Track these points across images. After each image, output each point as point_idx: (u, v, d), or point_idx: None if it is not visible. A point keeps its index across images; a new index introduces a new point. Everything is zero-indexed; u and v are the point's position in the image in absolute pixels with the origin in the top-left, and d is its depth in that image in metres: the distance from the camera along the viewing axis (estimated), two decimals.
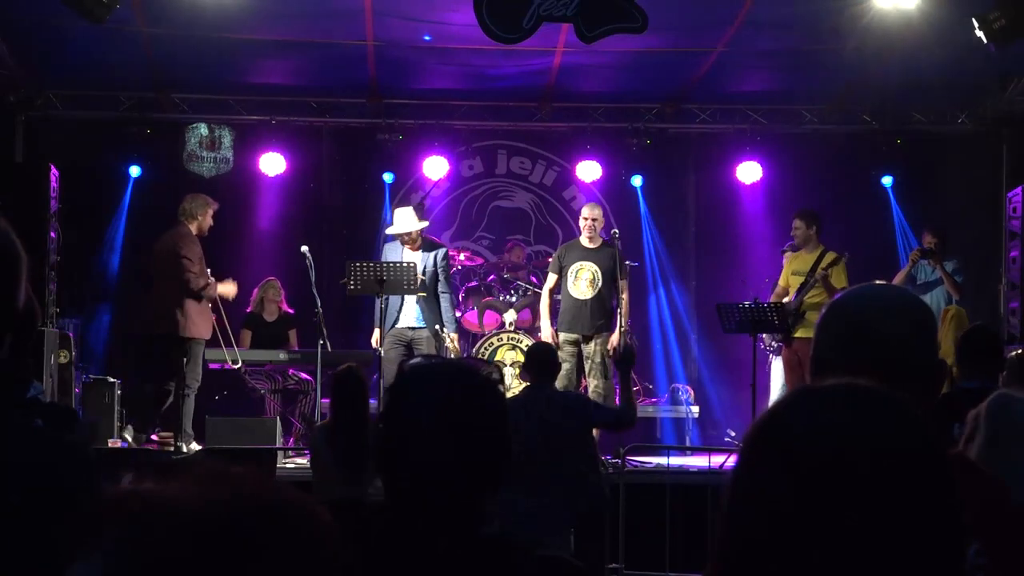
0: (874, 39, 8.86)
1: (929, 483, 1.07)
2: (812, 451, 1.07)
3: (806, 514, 1.05)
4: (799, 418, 1.11)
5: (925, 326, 1.86)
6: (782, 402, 1.15)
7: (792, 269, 9.41)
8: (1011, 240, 9.65)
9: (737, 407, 10.72)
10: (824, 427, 1.08)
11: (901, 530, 1.04)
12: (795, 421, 1.11)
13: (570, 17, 7.60)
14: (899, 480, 1.06)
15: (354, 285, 8.49)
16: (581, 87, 10.82)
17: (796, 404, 1.14)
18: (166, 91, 10.83)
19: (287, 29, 9.17)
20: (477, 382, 1.81)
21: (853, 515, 1.04)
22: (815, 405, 1.12)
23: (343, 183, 11.44)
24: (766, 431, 1.12)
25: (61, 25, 8.53)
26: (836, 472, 1.05)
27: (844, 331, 1.83)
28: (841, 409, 1.10)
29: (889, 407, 1.11)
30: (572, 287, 8.98)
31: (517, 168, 11.90)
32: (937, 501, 1.07)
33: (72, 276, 9.90)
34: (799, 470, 1.06)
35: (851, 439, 1.07)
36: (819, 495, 1.05)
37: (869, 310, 1.84)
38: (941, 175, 11.41)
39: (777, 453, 1.09)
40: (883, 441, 1.08)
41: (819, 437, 1.08)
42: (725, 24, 8.93)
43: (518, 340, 9.92)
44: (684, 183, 11.87)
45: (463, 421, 1.76)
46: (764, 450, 1.11)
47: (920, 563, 1.05)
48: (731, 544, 1.10)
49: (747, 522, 1.09)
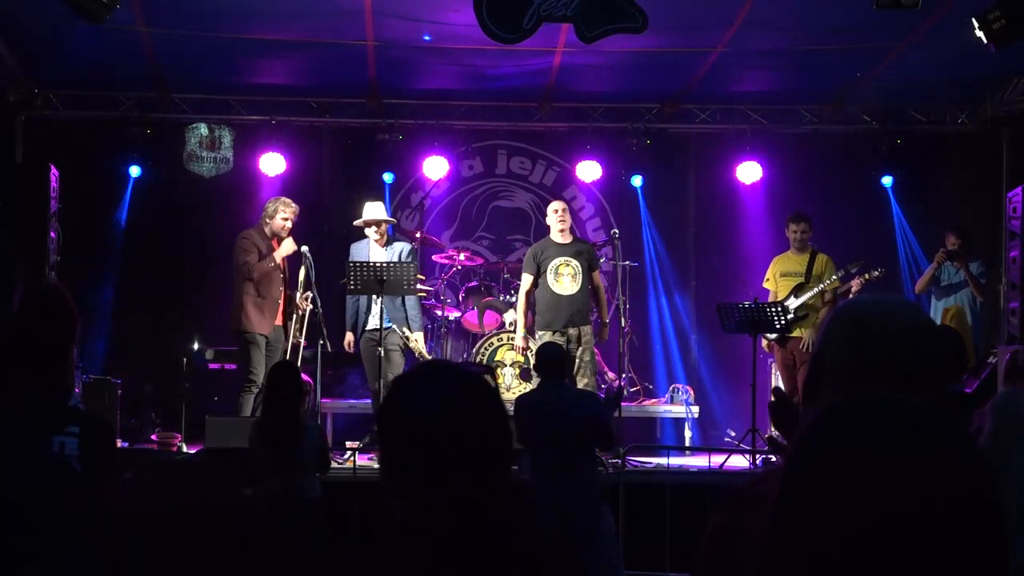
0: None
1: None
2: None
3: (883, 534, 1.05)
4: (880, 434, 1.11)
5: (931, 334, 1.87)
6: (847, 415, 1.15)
7: (780, 271, 9.41)
8: (1011, 240, 9.63)
9: (737, 407, 10.71)
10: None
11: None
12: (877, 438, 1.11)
13: (570, 17, 7.59)
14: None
15: (354, 285, 8.51)
16: (581, 87, 10.81)
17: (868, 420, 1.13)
18: (166, 91, 10.84)
19: (287, 29, 9.17)
20: (472, 383, 1.82)
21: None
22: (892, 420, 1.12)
23: (343, 183, 11.44)
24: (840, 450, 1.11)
25: (61, 25, 8.53)
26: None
27: (851, 338, 1.82)
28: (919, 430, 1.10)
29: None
30: (554, 284, 8.94)
31: (517, 168, 11.90)
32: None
33: (72, 276, 9.89)
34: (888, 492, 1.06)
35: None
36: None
37: (875, 317, 1.84)
38: (941, 175, 11.42)
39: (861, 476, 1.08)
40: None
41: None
42: (725, 24, 8.93)
43: None
44: (684, 183, 11.87)
45: (463, 420, 1.76)
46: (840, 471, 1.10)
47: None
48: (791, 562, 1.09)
49: (816, 538, 1.08)
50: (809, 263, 9.27)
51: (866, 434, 1.11)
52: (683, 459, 9.14)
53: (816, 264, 9.26)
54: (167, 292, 10.93)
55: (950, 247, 9.46)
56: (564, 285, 8.94)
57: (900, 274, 11.22)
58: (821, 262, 9.26)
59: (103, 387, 9.17)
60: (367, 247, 8.98)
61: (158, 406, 10.12)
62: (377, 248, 8.93)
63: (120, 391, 9.27)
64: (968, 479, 1.09)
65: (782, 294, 9.26)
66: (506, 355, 9.99)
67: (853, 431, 1.12)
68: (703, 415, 10.71)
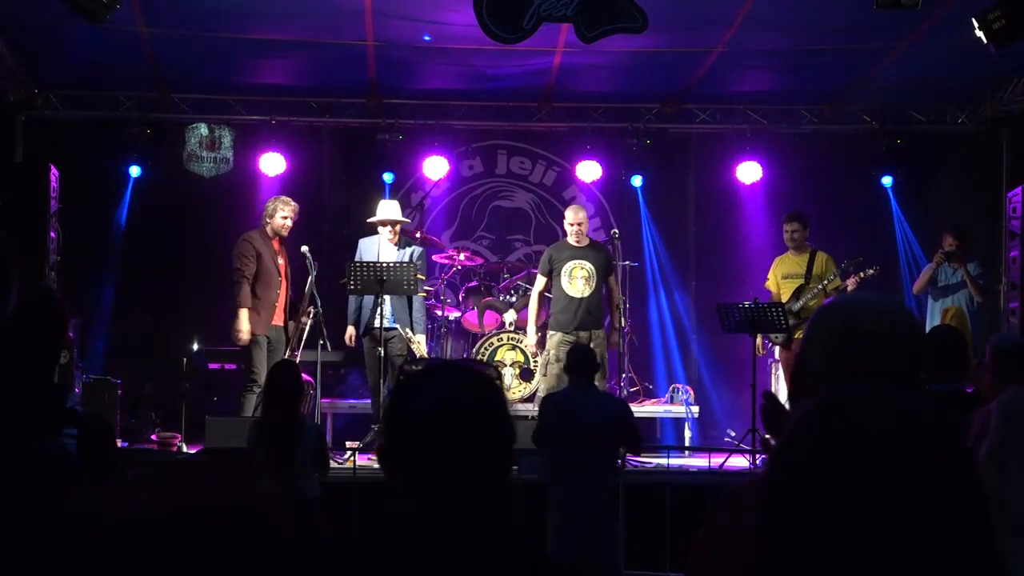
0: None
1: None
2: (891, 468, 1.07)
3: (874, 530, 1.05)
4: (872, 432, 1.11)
5: (916, 334, 1.87)
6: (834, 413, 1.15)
7: (782, 273, 9.40)
8: (1011, 240, 9.64)
9: (737, 407, 10.72)
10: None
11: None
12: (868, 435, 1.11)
13: (570, 17, 7.59)
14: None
15: (354, 285, 8.51)
16: (581, 87, 10.81)
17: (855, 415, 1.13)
18: (166, 91, 10.84)
19: (287, 29, 9.17)
20: (474, 382, 1.82)
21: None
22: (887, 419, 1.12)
23: (343, 183, 11.45)
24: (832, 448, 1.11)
25: (61, 25, 8.52)
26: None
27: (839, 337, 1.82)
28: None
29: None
30: (568, 286, 8.98)
31: (517, 168, 11.90)
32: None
33: (72, 276, 9.90)
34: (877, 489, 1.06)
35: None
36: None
37: (863, 317, 1.84)
38: (941, 175, 11.42)
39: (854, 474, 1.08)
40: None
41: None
42: (725, 24, 8.93)
43: (518, 340, 9.92)
44: (684, 183, 11.87)
45: (463, 420, 1.76)
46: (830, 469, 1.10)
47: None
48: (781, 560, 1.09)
49: (811, 538, 1.08)
50: (809, 263, 9.27)
51: (859, 432, 1.10)
52: (683, 459, 9.14)
53: (816, 264, 9.26)
54: (167, 292, 10.92)
55: (948, 248, 9.43)
56: (577, 287, 8.98)
57: (900, 274, 11.22)
58: (821, 261, 9.26)
59: (103, 387, 9.18)
60: (377, 244, 8.96)
61: (158, 406, 10.13)
62: (389, 247, 8.92)
63: (120, 391, 9.28)
64: (961, 476, 1.09)
65: (785, 297, 9.26)
66: (506, 355, 10.00)
67: (845, 428, 1.12)
68: (703, 415, 10.71)
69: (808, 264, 9.25)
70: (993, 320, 10.31)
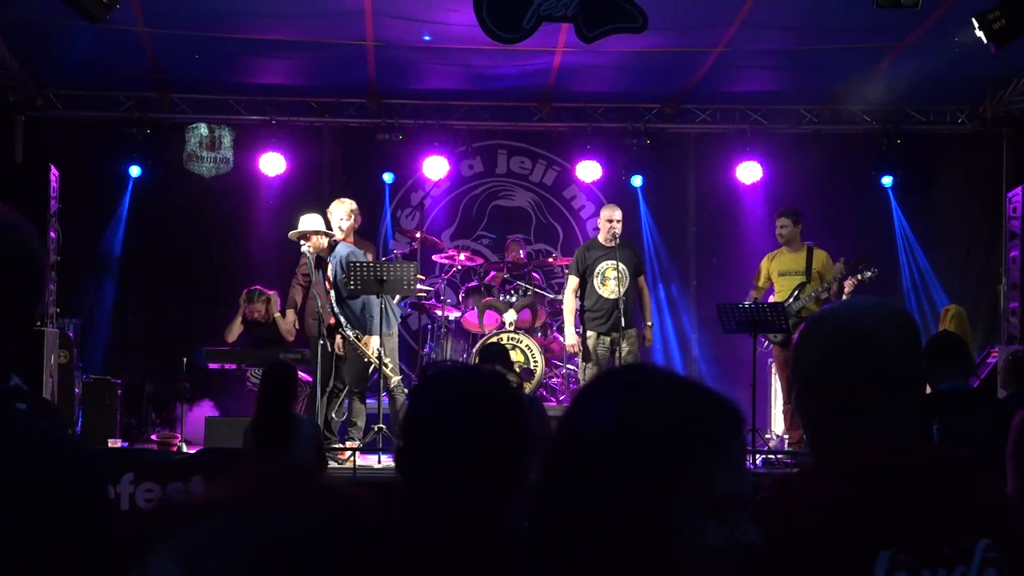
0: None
1: None
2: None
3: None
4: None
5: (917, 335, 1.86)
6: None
7: (778, 269, 9.37)
8: (1011, 240, 9.64)
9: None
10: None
11: None
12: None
13: (570, 17, 7.59)
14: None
15: (354, 285, 8.50)
16: (581, 87, 10.82)
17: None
18: (166, 91, 10.84)
19: (287, 29, 9.17)
20: (493, 383, 1.83)
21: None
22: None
23: (343, 183, 11.43)
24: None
25: (61, 25, 8.53)
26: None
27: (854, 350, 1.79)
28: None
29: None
30: (600, 287, 9.05)
31: (517, 168, 11.90)
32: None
33: (72, 276, 9.90)
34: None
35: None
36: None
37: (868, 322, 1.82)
38: (941, 175, 11.42)
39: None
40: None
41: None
42: (725, 24, 8.93)
43: (518, 340, 9.88)
44: (684, 183, 11.86)
45: (479, 419, 1.77)
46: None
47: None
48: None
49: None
50: (807, 260, 9.21)
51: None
52: None
53: (815, 261, 9.20)
54: (167, 292, 10.91)
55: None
56: (610, 288, 9.03)
57: (900, 274, 11.22)
58: (819, 259, 9.22)
59: (103, 387, 9.17)
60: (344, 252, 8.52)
61: (158, 406, 10.12)
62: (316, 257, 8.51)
63: (120, 391, 9.28)
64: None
65: (783, 293, 9.20)
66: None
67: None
68: None
69: (807, 261, 9.21)
70: (993, 320, 10.33)
